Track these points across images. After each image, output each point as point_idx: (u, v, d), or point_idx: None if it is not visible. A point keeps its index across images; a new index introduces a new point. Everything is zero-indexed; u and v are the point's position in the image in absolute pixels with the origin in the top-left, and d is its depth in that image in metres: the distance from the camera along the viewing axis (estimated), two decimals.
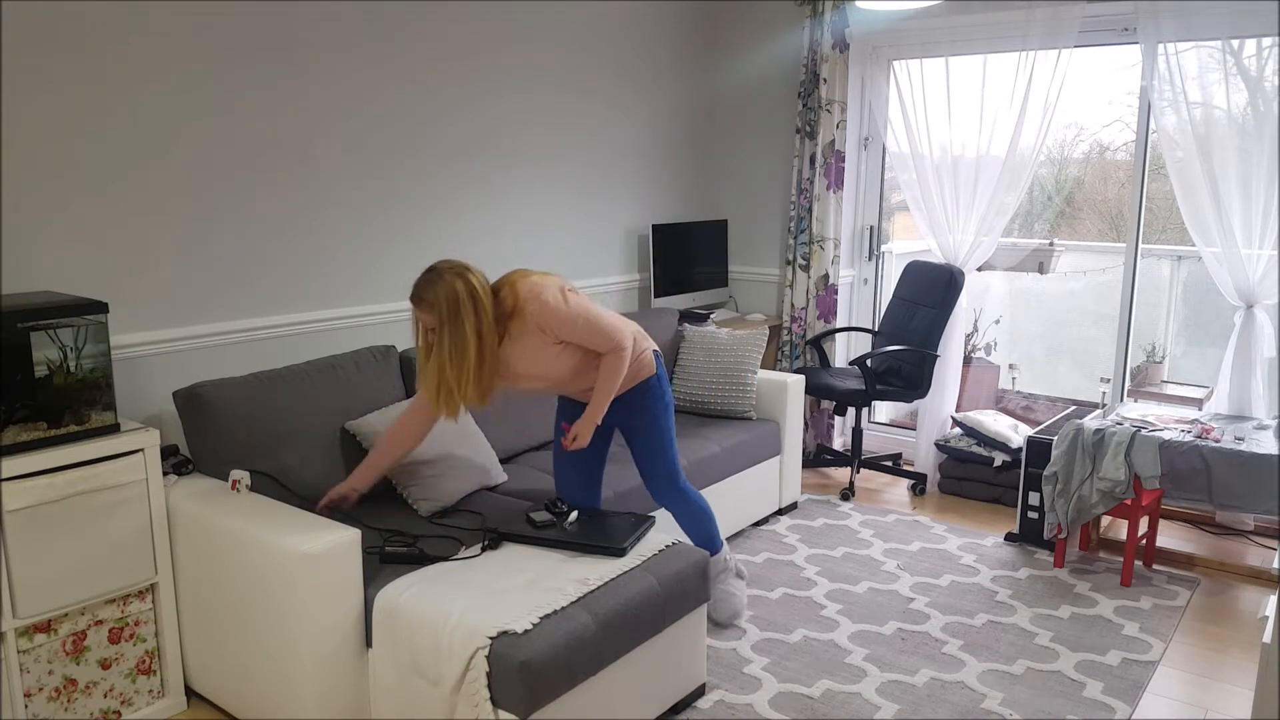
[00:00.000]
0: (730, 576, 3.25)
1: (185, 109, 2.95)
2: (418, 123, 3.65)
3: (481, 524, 2.86)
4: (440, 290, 2.57)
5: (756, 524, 4.13)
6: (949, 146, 4.52)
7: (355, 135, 3.44)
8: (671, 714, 2.70)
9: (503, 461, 3.53)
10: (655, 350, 3.02)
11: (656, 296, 4.68)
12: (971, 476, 4.51)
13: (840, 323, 5.01)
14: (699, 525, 3.12)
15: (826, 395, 4.46)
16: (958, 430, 4.66)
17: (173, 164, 2.95)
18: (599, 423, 2.83)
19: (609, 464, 3.48)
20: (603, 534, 2.68)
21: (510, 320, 2.69)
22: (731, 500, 3.85)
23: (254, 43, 3.09)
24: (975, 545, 3.94)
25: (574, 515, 2.79)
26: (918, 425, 4.78)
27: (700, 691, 2.79)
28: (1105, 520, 4.10)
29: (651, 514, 3.13)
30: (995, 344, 5.62)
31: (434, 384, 2.64)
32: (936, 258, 4.64)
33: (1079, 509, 3.62)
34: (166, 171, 2.93)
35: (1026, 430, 4.48)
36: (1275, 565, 3.58)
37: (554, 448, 3.09)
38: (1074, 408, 4.62)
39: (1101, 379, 4.83)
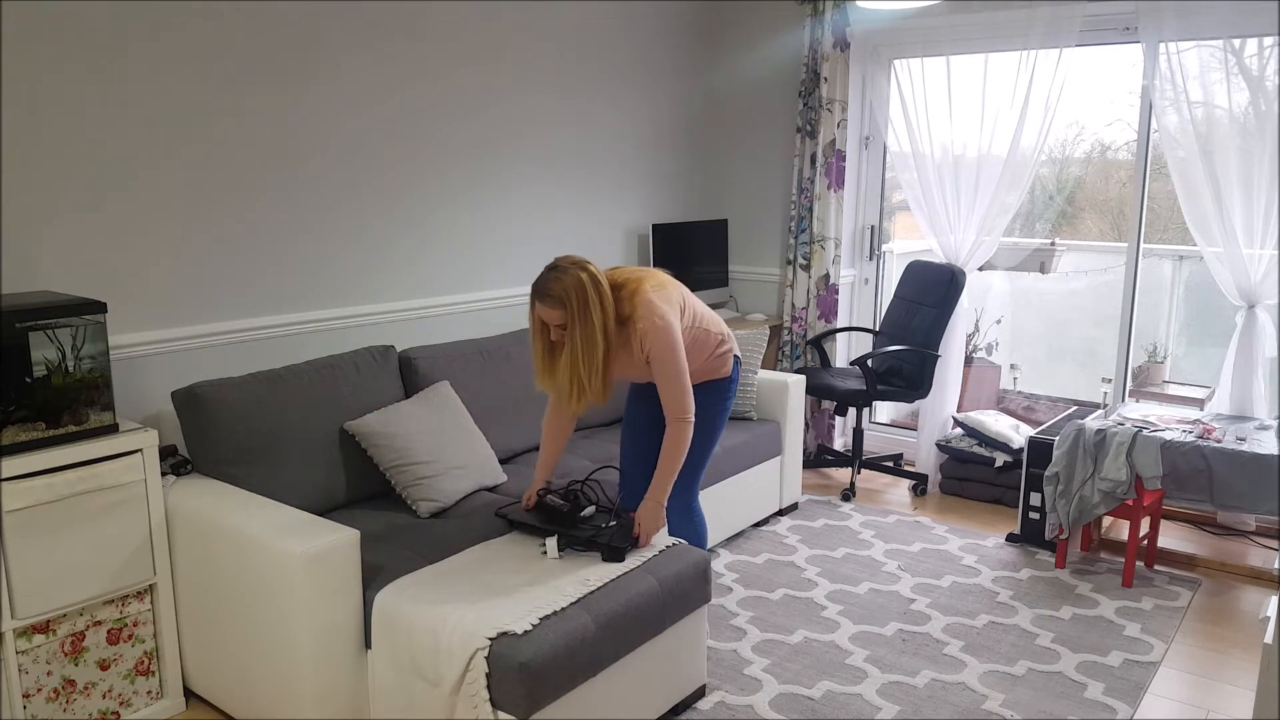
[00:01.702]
0: None
1: (185, 109, 2.94)
2: (417, 123, 3.64)
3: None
4: (569, 283, 2.52)
5: (757, 524, 4.13)
6: (950, 146, 4.51)
7: (355, 136, 3.43)
8: (672, 715, 2.69)
9: (502, 462, 3.53)
10: (736, 355, 2.95)
11: None
12: (973, 477, 4.50)
13: (841, 323, 5.00)
14: (693, 542, 3.02)
15: (827, 395, 4.45)
16: (959, 430, 4.65)
17: (172, 164, 2.94)
18: (664, 505, 2.70)
19: (614, 462, 3.48)
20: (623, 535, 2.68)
21: (620, 324, 2.65)
22: (732, 501, 3.84)
23: (254, 45, 3.09)
24: (976, 546, 3.94)
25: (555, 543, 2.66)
26: (919, 425, 4.78)
27: (701, 693, 2.79)
28: (1106, 521, 4.09)
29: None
30: (996, 344, 5.61)
31: (566, 381, 2.60)
32: (937, 257, 4.63)
33: (1080, 509, 3.61)
34: (166, 172, 2.93)
35: (1028, 430, 4.47)
36: (1276, 566, 3.58)
37: (622, 430, 3.05)
38: (1075, 408, 4.61)
39: (1103, 379, 4.83)
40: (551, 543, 2.62)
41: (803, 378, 4.25)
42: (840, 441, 5.15)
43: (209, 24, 2.97)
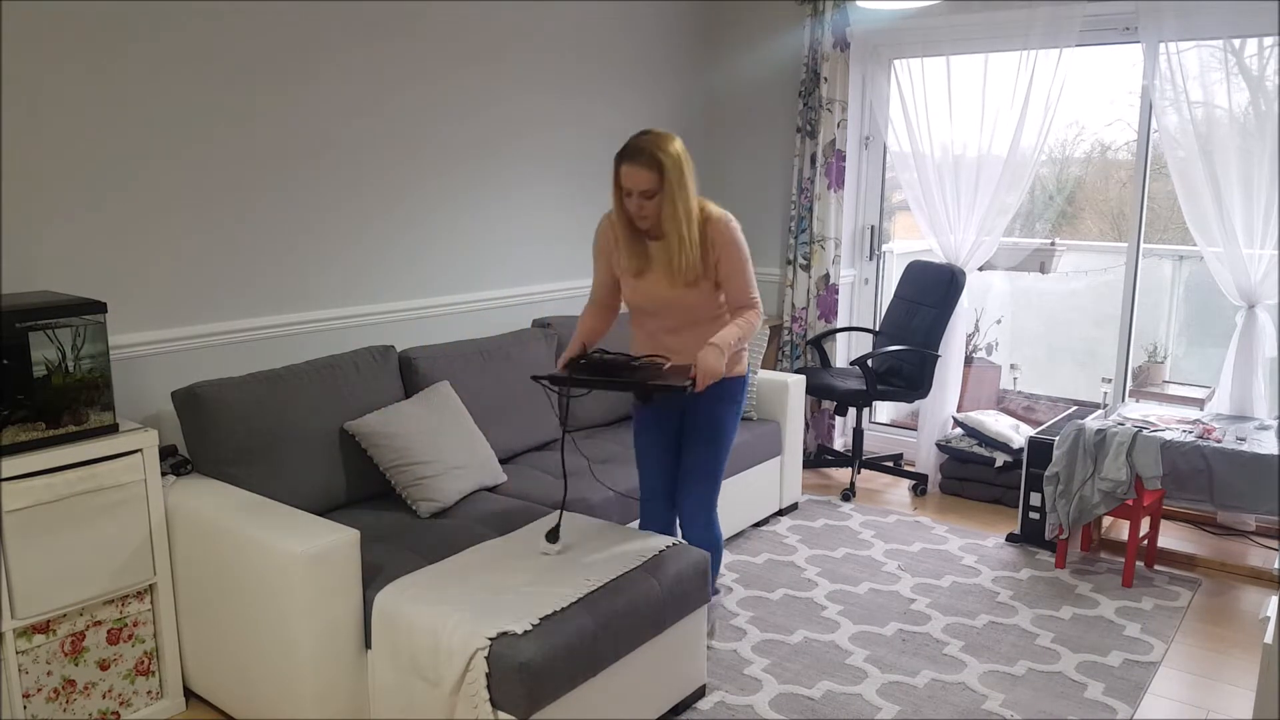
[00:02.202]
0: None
1: (185, 109, 2.94)
2: (417, 124, 3.64)
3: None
4: (667, 144, 2.47)
5: (757, 524, 4.13)
6: (950, 146, 4.51)
7: (355, 136, 3.43)
8: (672, 715, 2.69)
9: (502, 462, 3.53)
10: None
11: None
12: (973, 477, 4.50)
13: (841, 322, 5.00)
14: (713, 564, 2.95)
15: (827, 395, 4.45)
16: (959, 430, 4.65)
17: (172, 164, 2.94)
18: (724, 359, 2.53)
19: (610, 462, 3.48)
20: None
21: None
22: (732, 501, 3.84)
23: (255, 45, 3.09)
24: (976, 546, 3.94)
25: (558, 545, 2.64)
26: (919, 425, 4.78)
27: (700, 693, 2.79)
28: (1106, 521, 4.09)
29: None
30: (996, 344, 5.61)
31: (669, 253, 2.55)
32: (938, 257, 4.63)
33: (1080, 509, 3.61)
34: (166, 172, 2.93)
35: (1028, 430, 4.47)
36: (1276, 566, 3.58)
37: (637, 456, 2.95)
38: (1075, 408, 4.61)
39: (1103, 379, 4.83)
40: (551, 545, 2.61)
41: (803, 378, 4.25)
42: (840, 441, 5.15)
43: (210, 24, 2.96)
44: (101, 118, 2.76)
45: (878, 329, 4.90)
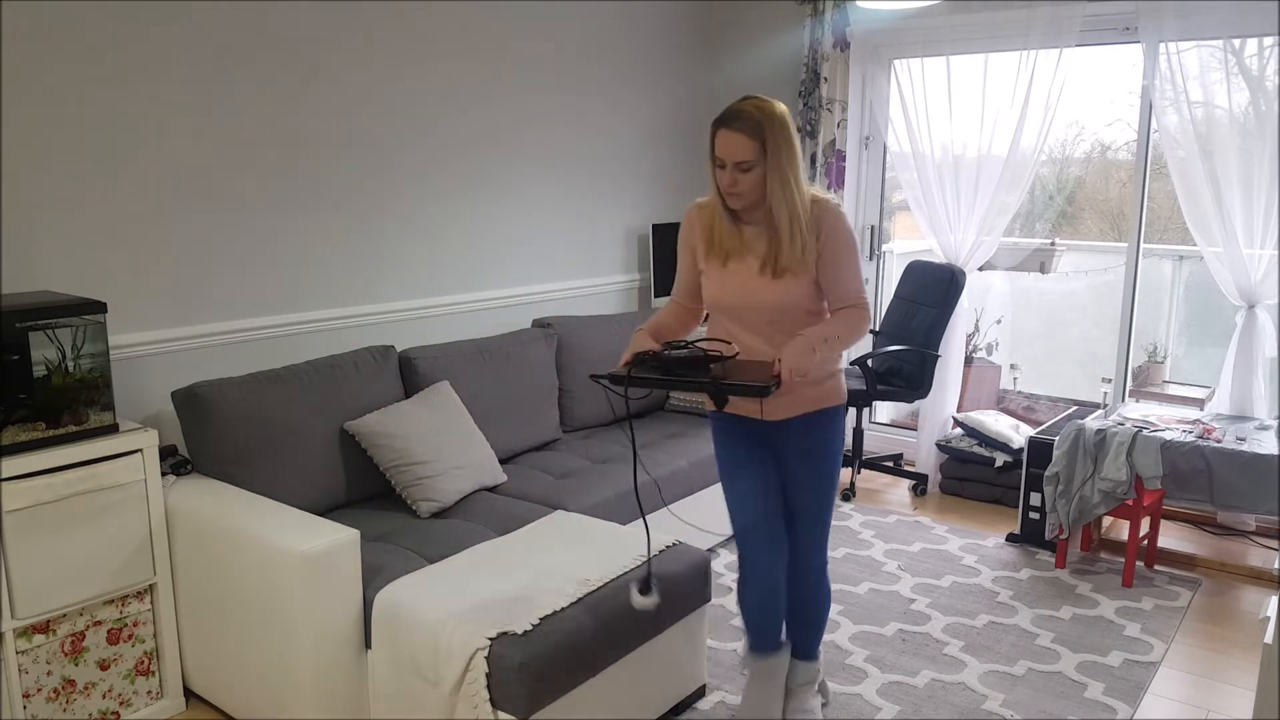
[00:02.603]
0: (812, 692, 2.65)
1: (186, 109, 2.94)
2: (417, 123, 3.64)
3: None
4: (769, 109, 2.18)
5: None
6: (950, 146, 4.51)
7: (355, 135, 3.43)
8: (672, 715, 2.69)
9: (502, 462, 3.52)
10: None
11: (656, 296, 4.67)
12: (973, 477, 4.50)
13: None
14: (817, 615, 2.60)
15: None
16: (959, 430, 4.65)
17: (173, 164, 2.94)
18: (814, 356, 2.17)
19: (610, 462, 3.48)
20: None
21: None
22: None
23: (254, 44, 3.09)
24: (976, 546, 3.94)
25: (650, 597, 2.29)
26: (919, 425, 4.77)
27: (700, 692, 2.79)
28: (1106, 521, 4.09)
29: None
30: (996, 344, 5.61)
31: (773, 236, 2.20)
32: (937, 257, 4.63)
33: (1080, 509, 3.61)
34: (166, 172, 2.93)
35: (1028, 430, 4.47)
36: (1277, 566, 3.58)
37: (727, 478, 2.47)
38: (1075, 408, 4.61)
39: (1103, 379, 4.82)
40: (646, 599, 2.27)
41: None
42: None
43: (210, 22, 2.96)
44: (102, 117, 2.76)
45: (878, 329, 4.89)
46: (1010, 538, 3.99)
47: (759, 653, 2.55)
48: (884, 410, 5.37)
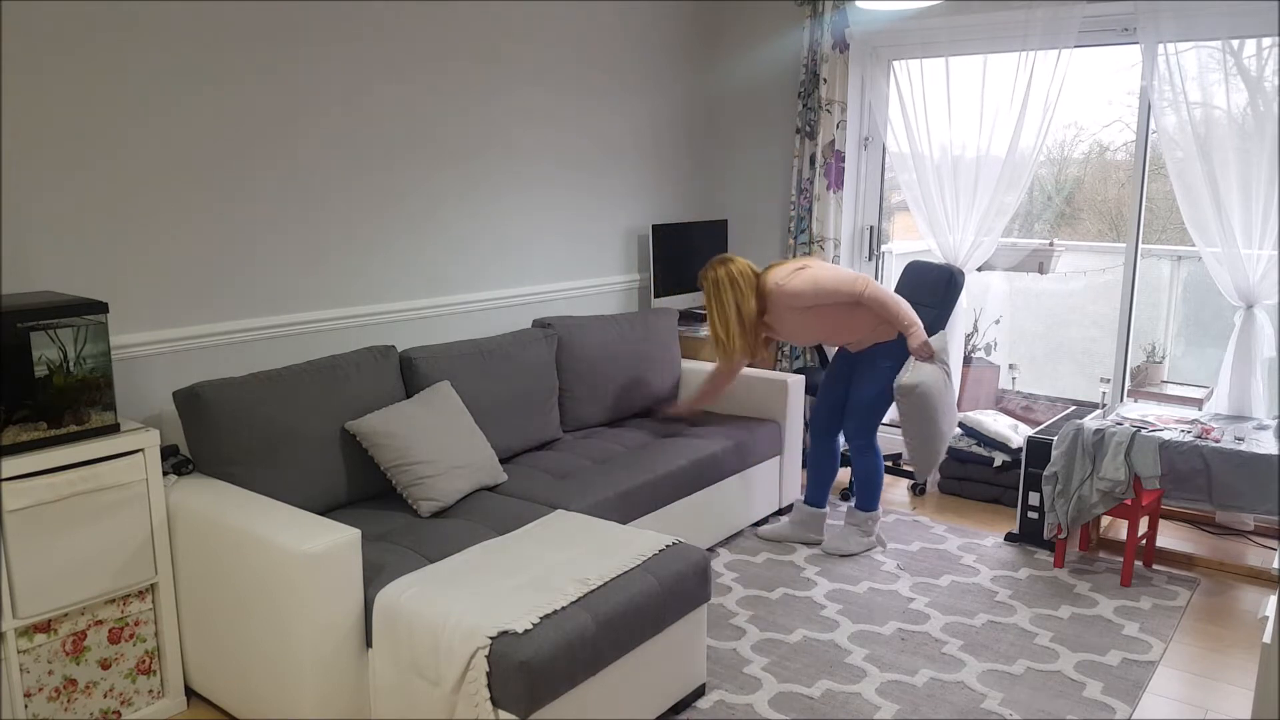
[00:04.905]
0: (859, 533, 3.81)
1: (186, 110, 2.95)
2: (418, 122, 3.65)
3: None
4: (706, 276, 3.66)
5: (756, 524, 4.13)
6: (949, 146, 4.51)
7: (356, 135, 3.44)
8: (671, 714, 2.70)
9: (503, 462, 3.53)
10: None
11: (656, 296, 4.68)
12: (971, 476, 4.51)
13: None
14: (869, 483, 3.80)
15: None
16: (958, 430, 4.66)
17: (173, 164, 2.94)
18: (924, 337, 3.60)
19: (610, 462, 3.49)
20: None
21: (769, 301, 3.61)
22: (732, 500, 3.85)
23: (255, 42, 3.09)
24: (975, 545, 3.94)
25: None
26: None
27: (700, 692, 2.79)
28: (1105, 520, 4.10)
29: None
30: (995, 344, 5.62)
31: (711, 339, 3.70)
32: (936, 257, 4.64)
33: (1079, 509, 3.62)
34: (167, 172, 2.93)
35: (1026, 430, 4.48)
36: (1275, 565, 3.58)
37: (821, 383, 3.95)
38: (1074, 408, 4.62)
39: (1101, 379, 4.83)
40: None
41: (802, 378, 4.25)
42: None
43: (210, 21, 2.97)
44: (103, 117, 2.77)
45: None
46: (1009, 537, 4.00)
47: (807, 503, 3.94)
48: None
